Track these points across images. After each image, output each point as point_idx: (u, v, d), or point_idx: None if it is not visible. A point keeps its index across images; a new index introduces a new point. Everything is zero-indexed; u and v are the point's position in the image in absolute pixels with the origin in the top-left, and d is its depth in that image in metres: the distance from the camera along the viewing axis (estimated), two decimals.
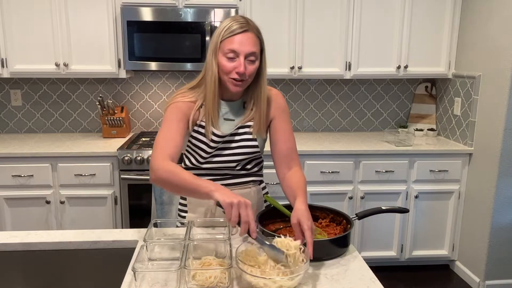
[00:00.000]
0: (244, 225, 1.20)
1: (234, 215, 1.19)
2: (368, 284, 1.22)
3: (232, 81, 1.46)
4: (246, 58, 1.44)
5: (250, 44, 1.43)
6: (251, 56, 1.44)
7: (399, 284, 3.09)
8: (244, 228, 1.20)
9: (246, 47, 1.42)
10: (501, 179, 2.81)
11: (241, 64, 1.43)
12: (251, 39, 1.43)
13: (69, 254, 1.47)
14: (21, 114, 3.43)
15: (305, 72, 3.16)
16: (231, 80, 1.46)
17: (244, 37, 1.42)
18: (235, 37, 1.42)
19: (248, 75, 1.46)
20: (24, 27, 2.95)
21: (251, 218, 1.20)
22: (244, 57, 1.43)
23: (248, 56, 1.44)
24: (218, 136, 1.54)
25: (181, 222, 1.67)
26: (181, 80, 3.46)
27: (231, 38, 1.42)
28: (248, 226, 1.20)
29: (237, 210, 1.20)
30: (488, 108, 2.88)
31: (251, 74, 1.47)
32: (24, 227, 2.87)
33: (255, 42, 1.45)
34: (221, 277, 1.17)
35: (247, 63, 1.44)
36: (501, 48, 2.75)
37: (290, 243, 1.23)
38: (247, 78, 1.47)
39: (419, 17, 3.15)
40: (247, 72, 1.45)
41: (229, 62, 1.44)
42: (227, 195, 1.22)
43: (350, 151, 2.99)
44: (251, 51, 1.43)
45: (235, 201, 1.19)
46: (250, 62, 1.45)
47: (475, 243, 3.02)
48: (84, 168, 2.85)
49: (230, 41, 1.43)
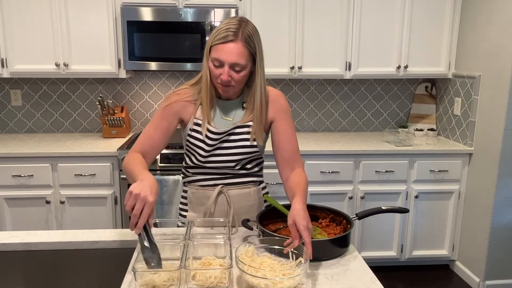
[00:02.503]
0: (133, 218, 1.20)
1: (128, 204, 1.21)
2: (368, 284, 1.22)
3: (220, 85, 1.49)
4: (231, 67, 1.44)
5: (235, 55, 1.42)
6: (236, 66, 1.44)
7: (399, 284, 3.09)
8: (132, 221, 1.20)
9: (231, 58, 1.42)
10: (501, 179, 2.81)
11: (225, 72, 1.43)
12: (237, 50, 1.42)
13: (69, 254, 1.47)
14: (21, 114, 3.43)
15: (305, 72, 3.16)
16: (218, 84, 1.49)
17: (230, 47, 1.41)
18: (222, 46, 1.42)
19: (235, 82, 1.47)
20: (24, 27, 2.95)
21: (143, 215, 1.20)
22: (229, 66, 1.43)
23: (233, 66, 1.44)
24: (214, 132, 1.54)
25: (182, 222, 1.68)
26: (181, 80, 3.46)
27: (218, 46, 1.43)
28: (136, 220, 1.20)
29: (133, 201, 1.21)
30: (488, 108, 2.88)
31: (238, 81, 1.47)
32: (24, 227, 2.87)
33: (241, 53, 1.42)
34: (221, 277, 1.17)
35: (232, 72, 1.45)
36: (501, 48, 2.75)
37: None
38: (234, 84, 1.48)
39: (419, 17, 3.15)
40: (233, 80, 1.46)
41: (215, 68, 1.46)
42: (137, 186, 1.23)
43: (350, 151, 2.99)
44: (235, 62, 1.42)
45: (135, 192, 1.21)
46: (236, 71, 1.45)
47: (475, 243, 3.02)
48: (84, 168, 2.85)
49: (217, 49, 1.43)
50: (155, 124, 1.56)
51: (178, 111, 1.56)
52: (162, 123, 1.55)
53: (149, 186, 1.24)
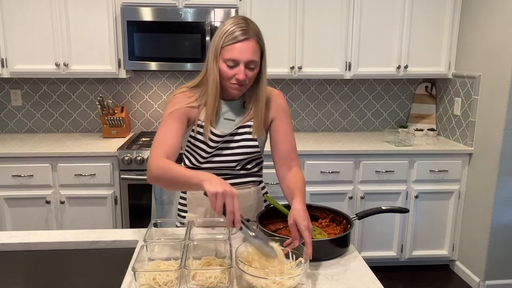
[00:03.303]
0: (229, 215, 1.19)
1: (218, 204, 1.18)
2: (368, 284, 1.22)
3: (234, 86, 1.48)
4: (246, 66, 1.44)
5: (250, 52, 1.42)
6: (251, 64, 1.45)
7: (399, 284, 3.09)
8: (229, 219, 1.19)
9: (246, 56, 1.42)
10: (501, 179, 2.81)
11: (241, 71, 1.43)
12: (251, 47, 1.43)
13: (69, 254, 1.47)
14: (21, 114, 3.43)
15: (305, 72, 3.16)
16: (231, 85, 1.48)
17: (244, 45, 1.42)
18: (236, 45, 1.42)
19: (248, 81, 1.48)
20: (24, 27, 2.95)
21: (237, 209, 1.19)
22: (244, 65, 1.43)
23: (248, 64, 1.44)
24: (218, 136, 1.54)
25: (181, 222, 1.67)
26: (181, 80, 3.46)
27: (231, 46, 1.42)
28: (233, 217, 1.19)
29: (222, 200, 1.18)
30: (488, 108, 2.88)
31: (251, 79, 1.48)
32: (24, 227, 2.87)
33: (255, 50, 1.44)
34: (221, 277, 1.17)
35: (247, 70, 1.45)
36: (501, 48, 2.75)
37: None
38: (247, 83, 1.49)
39: (419, 17, 3.15)
40: (247, 79, 1.46)
41: (229, 69, 1.45)
42: (214, 184, 1.19)
43: (350, 151, 2.99)
44: (251, 59, 1.43)
45: (220, 191, 1.17)
46: (250, 69, 1.46)
47: (475, 243, 3.02)
48: (84, 168, 2.85)
49: (231, 49, 1.42)
50: (171, 127, 1.48)
51: (186, 112, 1.54)
52: (177, 125, 1.49)
53: (220, 181, 1.22)
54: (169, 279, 1.14)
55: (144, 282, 1.14)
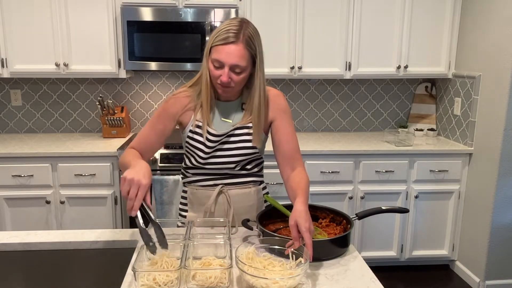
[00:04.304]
0: (129, 201, 1.25)
1: (123, 189, 1.26)
2: (368, 284, 1.22)
3: (219, 86, 1.48)
4: (231, 69, 1.43)
5: (236, 57, 1.41)
6: (236, 68, 1.43)
7: (399, 284, 3.09)
8: (129, 204, 1.25)
9: (231, 59, 1.41)
10: (501, 179, 2.81)
11: (225, 74, 1.43)
12: (238, 52, 1.41)
13: (69, 254, 1.47)
14: (21, 114, 3.43)
15: (305, 72, 3.16)
16: (218, 85, 1.48)
17: (231, 48, 1.40)
18: (223, 47, 1.41)
19: (234, 84, 1.47)
20: (24, 27, 2.95)
21: (138, 198, 1.24)
22: (229, 68, 1.43)
23: (233, 68, 1.43)
24: (214, 135, 1.54)
25: (182, 222, 1.68)
26: (181, 80, 3.46)
27: (219, 47, 1.42)
28: (132, 203, 1.24)
29: (128, 186, 1.25)
30: (488, 108, 2.88)
31: (238, 82, 1.47)
32: (24, 227, 2.87)
33: (242, 55, 1.42)
34: (221, 277, 1.17)
35: (232, 73, 1.44)
36: (501, 48, 2.75)
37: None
38: (233, 86, 1.47)
39: (419, 17, 3.15)
40: (232, 82, 1.45)
41: (215, 69, 1.45)
42: (130, 172, 1.27)
43: (350, 151, 2.99)
44: (236, 63, 1.42)
45: (129, 177, 1.25)
46: (236, 73, 1.45)
47: (475, 243, 3.02)
48: (84, 168, 2.85)
49: (218, 51, 1.42)
50: (151, 125, 1.60)
51: (177, 113, 1.56)
52: (158, 125, 1.58)
53: (142, 170, 1.29)
54: (169, 279, 1.14)
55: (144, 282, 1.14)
